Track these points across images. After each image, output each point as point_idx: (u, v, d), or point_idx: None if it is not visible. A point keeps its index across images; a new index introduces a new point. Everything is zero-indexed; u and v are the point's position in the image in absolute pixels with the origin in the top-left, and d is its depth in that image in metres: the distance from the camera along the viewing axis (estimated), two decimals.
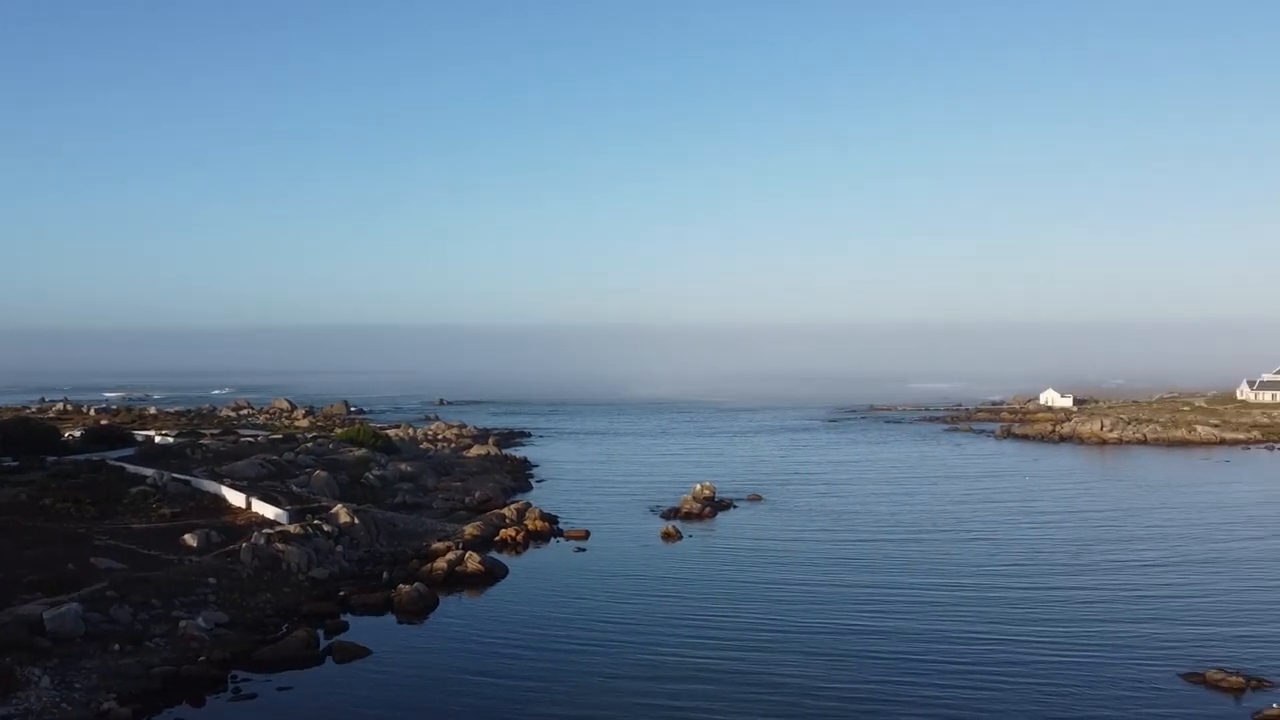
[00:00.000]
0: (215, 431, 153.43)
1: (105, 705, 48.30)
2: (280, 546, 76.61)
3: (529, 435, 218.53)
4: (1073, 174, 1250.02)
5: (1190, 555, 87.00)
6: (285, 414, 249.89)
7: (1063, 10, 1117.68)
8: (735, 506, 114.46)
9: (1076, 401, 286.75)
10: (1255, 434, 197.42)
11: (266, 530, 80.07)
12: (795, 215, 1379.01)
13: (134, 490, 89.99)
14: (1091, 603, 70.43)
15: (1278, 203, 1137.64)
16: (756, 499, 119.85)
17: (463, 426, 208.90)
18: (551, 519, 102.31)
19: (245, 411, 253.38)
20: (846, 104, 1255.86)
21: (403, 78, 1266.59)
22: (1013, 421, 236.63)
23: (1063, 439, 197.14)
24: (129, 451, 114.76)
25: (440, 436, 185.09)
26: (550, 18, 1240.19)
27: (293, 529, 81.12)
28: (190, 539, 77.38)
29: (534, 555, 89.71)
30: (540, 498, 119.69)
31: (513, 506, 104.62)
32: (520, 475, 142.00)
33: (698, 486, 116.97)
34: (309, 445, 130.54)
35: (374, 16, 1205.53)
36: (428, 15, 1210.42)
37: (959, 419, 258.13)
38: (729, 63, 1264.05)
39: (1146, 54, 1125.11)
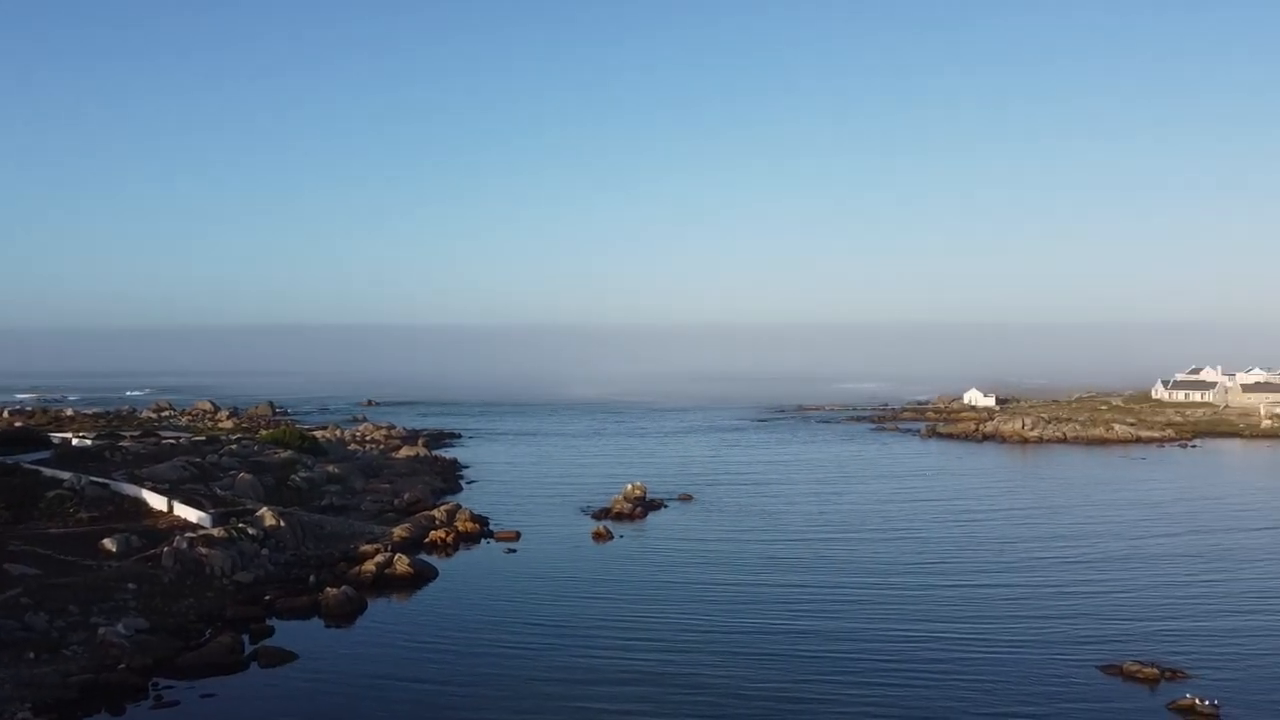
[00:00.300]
0: (135, 433, 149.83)
1: (20, 715, 46.98)
2: (203, 550, 75.11)
3: (459, 436, 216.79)
4: (999, 179, 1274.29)
5: (1109, 552, 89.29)
6: (208, 415, 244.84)
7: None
8: (666, 506, 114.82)
9: (999, 401, 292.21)
10: (1169, 432, 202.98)
11: (189, 534, 78.47)
12: (729, 218, 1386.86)
13: (50, 494, 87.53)
14: (1015, 599, 71.97)
15: (1184, 211, 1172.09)
16: (687, 499, 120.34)
17: (391, 427, 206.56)
18: (482, 520, 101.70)
19: (167, 413, 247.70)
20: (783, 116, 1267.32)
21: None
22: (938, 421, 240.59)
23: (986, 438, 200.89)
24: (45, 454, 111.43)
25: (368, 438, 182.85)
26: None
27: (216, 532, 79.59)
28: (109, 544, 75.53)
29: (464, 557, 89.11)
30: (470, 499, 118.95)
31: (442, 508, 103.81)
32: (450, 476, 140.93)
33: (629, 487, 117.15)
34: (233, 447, 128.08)
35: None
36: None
37: (886, 418, 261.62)
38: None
39: (1070, 64, 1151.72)
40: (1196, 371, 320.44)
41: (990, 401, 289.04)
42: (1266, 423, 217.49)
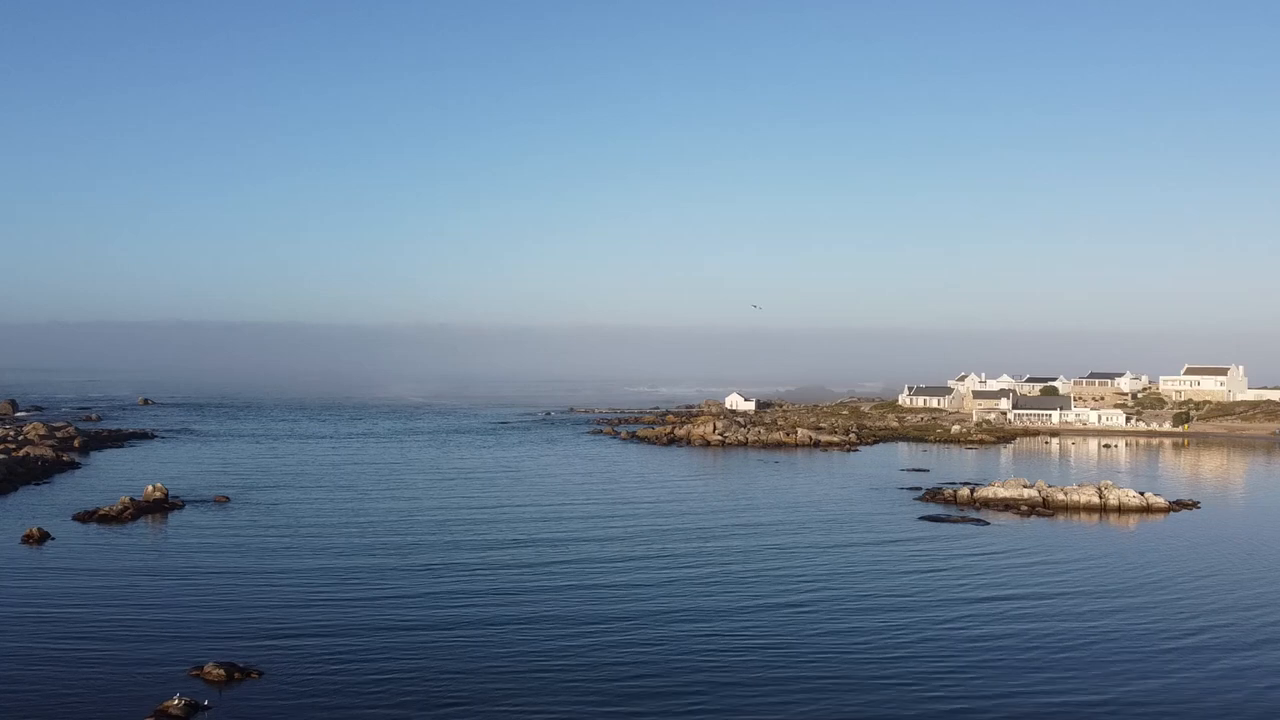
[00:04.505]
0: None
1: None
2: None
3: (154, 437, 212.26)
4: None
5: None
6: None
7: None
8: (186, 507, 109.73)
9: (760, 405, 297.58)
10: (851, 437, 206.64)
11: None
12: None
13: None
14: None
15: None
16: (223, 500, 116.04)
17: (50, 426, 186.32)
18: None
19: None
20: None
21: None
22: (675, 424, 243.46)
23: (672, 441, 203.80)
24: None
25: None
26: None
27: None
28: None
29: None
30: None
31: None
32: None
33: (149, 488, 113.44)
34: None
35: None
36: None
37: (619, 421, 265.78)
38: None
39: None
40: (963, 378, 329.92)
41: (750, 406, 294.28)
42: (955, 428, 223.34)
